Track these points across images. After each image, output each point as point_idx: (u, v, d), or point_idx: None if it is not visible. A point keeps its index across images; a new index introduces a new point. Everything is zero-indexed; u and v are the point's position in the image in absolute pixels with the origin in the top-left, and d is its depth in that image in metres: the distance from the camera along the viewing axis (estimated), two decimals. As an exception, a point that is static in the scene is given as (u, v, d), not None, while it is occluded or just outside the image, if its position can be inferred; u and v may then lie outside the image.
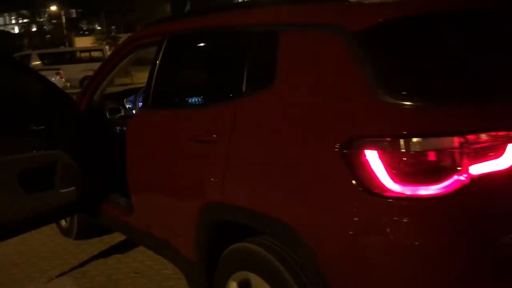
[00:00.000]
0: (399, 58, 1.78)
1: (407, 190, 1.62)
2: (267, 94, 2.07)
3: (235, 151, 2.13)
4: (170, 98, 2.86)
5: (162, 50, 2.75)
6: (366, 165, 1.65)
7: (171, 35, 2.76)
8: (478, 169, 1.64)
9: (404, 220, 1.63)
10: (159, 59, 2.76)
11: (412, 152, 1.62)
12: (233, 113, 2.18)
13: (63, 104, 3.47)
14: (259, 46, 2.17)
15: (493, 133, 1.68)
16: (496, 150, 1.67)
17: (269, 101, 2.06)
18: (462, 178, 1.62)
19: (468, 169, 1.62)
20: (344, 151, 1.70)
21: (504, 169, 1.67)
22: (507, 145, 1.68)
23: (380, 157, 1.64)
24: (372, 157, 1.65)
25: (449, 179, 1.61)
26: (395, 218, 1.64)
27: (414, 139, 1.61)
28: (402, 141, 1.62)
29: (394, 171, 1.63)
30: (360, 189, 1.66)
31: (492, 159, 1.66)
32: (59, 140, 3.36)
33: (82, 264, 3.75)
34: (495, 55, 1.91)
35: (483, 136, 1.66)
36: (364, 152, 1.66)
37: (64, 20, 49.38)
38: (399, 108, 1.66)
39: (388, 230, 1.65)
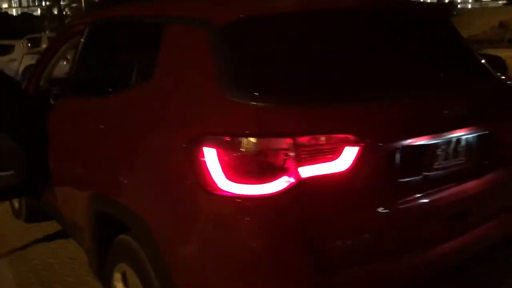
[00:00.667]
0: (248, 56, 1.79)
1: (238, 189, 1.62)
2: (145, 87, 2.08)
3: (110, 142, 2.15)
4: (79, 86, 2.89)
5: (82, 40, 2.77)
6: (203, 162, 1.66)
7: (90, 24, 2.78)
8: (308, 171, 1.64)
9: (233, 218, 1.65)
10: (79, 48, 2.78)
11: (244, 152, 1.62)
12: (115, 105, 2.19)
13: (7, 89, 3.51)
14: (150, 38, 2.18)
15: (327, 136, 1.68)
16: (331, 153, 1.68)
17: (143, 95, 2.07)
18: (290, 179, 1.62)
19: (297, 171, 1.62)
20: (189, 148, 1.70)
21: (340, 172, 1.68)
22: (343, 148, 1.68)
23: (217, 155, 1.64)
24: (209, 154, 1.65)
25: (276, 179, 1.62)
26: (225, 216, 1.66)
27: (247, 139, 1.62)
28: (235, 140, 1.62)
29: (227, 170, 1.63)
30: (198, 186, 1.67)
31: (326, 162, 1.67)
32: (2, 123, 3.40)
33: (24, 247, 3.82)
34: (339, 58, 1.93)
35: (316, 139, 1.66)
36: (202, 150, 1.65)
37: (83, 4, 49.75)
38: (237, 107, 1.67)
39: (219, 227, 1.67)
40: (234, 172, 1.63)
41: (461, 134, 2.08)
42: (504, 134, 2.30)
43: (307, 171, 1.65)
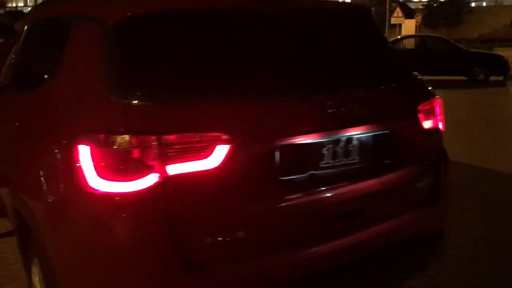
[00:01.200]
0: (130, 55, 1.81)
1: (108, 187, 1.66)
2: (49, 86, 2.15)
3: (18, 140, 2.25)
4: (10, 84, 2.97)
5: (20, 38, 2.86)
6: (78, 160, 1.70)
7: (28, 23, 2.85)
8: (176, 168, 1.67)
9: (104, 216, 1.70)
10: (15, 46, 2.88)
11: (113, 149, 1.66)
12: (27, 103, 2.28)
13: None
14: (60, 37, 2.23)
15: (196, 134, 1.70)
16: (202, 151, 1.70)
17: (46, 93, 2.14)
18: (156, 176, 1.66)
19: (164, 168, 1.66)
20: (67, 146, 1.76)
21: (211, 169, 1.71)
22: (215, 146, 1.71)
23: (90, 153, 1.68)
24: (83, 152, 1.69)
25: (143, 177, 1.65)
26: (98, 215, 1.70)
27: (115, 136, 1.65)
28: (106, 138, 1.66)
29: (99, 167, 1.67)
30: (74, 184, 1.71)
31: (197, 159, 1.70)
32: None
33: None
34: (223, 57, 1.94)
35: (185, 137, 1.69)
36: (78, 148, 1.70)
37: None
38: (111, 106, 1.72)
39: (92, 225, 1.73)
40: (105, 169, 1.66)
41: (352, 133, 2.07)
42: (408, 134, 2.30)
43: (175, 168, 1.67)
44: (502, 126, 8.11)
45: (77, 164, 1.69)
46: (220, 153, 1.73)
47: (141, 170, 1.65)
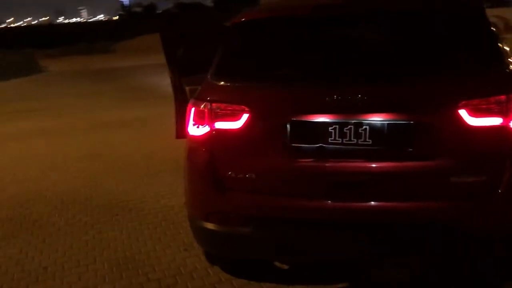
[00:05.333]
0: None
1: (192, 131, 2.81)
2: None
3: None
4: None
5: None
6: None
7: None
8: (220, 124, 2.70)
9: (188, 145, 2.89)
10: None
11: (195, 109, 2.81)
12: None
13: None
14: None
15: (231, 105, 2.68)
16: (235, 116, 2.65)
17: None
18: (208, 127, 2.71)
19: (213, 123, 2.70)
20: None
21: (238, 128, 2.64)
22: (242, 114, 2.63)
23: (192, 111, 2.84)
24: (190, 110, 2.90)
25: (203, 126, 2.73)
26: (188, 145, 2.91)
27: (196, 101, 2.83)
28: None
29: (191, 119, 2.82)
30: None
31: (231, 120, 2.66)
32: None
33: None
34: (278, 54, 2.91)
35: (224, 106, 2.70)
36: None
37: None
38: (206, 83, 2.88)
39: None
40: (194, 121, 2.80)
41: (361, 119, 2.48)
42: (436, 127, 2.45)
43: (218, 124, 2.69)
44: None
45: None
46: (244, 119, 2.62)
47: (201, 123, 2.73)
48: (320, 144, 2.53)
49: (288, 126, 2.56)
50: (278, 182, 2.64)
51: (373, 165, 2.48)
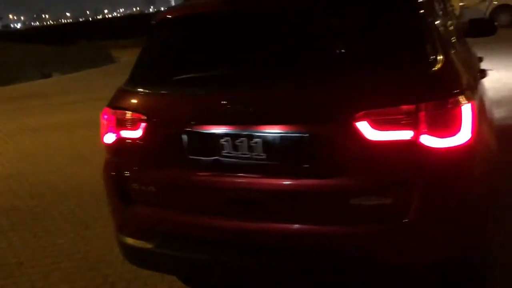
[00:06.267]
0: None
1: None
2: None
3: None
4: None
5: None
6: None
7: None
8: (123, 133, 2.53)
9: None
10: None
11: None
12: None
13: None
14: None
15: (129, 113, 2.52)
16: (134, 125, 2.49)
17: None
18: (115, 136, 2.57)
19: (119, 132, 2.56)
20: None
21: (137, 137, 2.48)
22: (140, 123, 2.46)
23: None
24: None
25: (111, 135, 2.59)
26: None
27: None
28: None
29: None
30: None
31: (131, 130, 2.51)
32: None
33: None
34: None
35: (125, 114, 2.53)
36: None
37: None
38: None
39: None
40: None
41: (254, 131, 2.18)
42: (334, 141, 2.10)
43: (123, 133, 2.53)
44: None
45: None
46: (142, 128, 2.44)
47: (110, 131, 2.60)
48: (216, 157, 2.29)
49: (184, 137, 2.34)
50: (177, 196, 2.46)
51: (268, 182, 2.20)
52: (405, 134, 1.99)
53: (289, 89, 2.16)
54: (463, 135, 1.99)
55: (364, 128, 2.01)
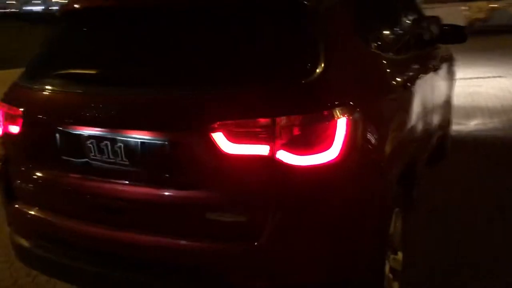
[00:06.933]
0: None
1: None
2: None
3: None
4: None
5: None
6: None
7: None
8: (8, 128, 2.51)
9: None
10: None
11: None
12: None
13: None
14: None
15: (11, 107, 2.46)
16: (14, 120, 2.45)
17: None
18: (1, 130, 2.55)
19: (6, 126, 2.52)
20: None
21: (17, 133, 2.45)
22: (18, 119, 2.42)
23: None
24: None
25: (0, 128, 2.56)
26: None
27: None
28: None
29: None
30: None
31: (12, 125, 2.47)
32: None
33: None
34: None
35: (7, 107, 2.49)
36: None
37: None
38: None
39: None
40: None
41: (118, 135, 2.11)
42: (192, 151, 1.99)
43: (8, 128, 2.48)
44: None
45: None
46: (20, 123, 2.40)
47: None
48: (86, 160, 2.21)
49: (57, 136, 2.27)
50: (51, 198, 2.42)
51: (130, 190, 2.14)
52: (262, 149, 1.86)
53: (152, 94, 2.06)
54: (330, 152, 1.85)
55: (220, 139, 1.89)
